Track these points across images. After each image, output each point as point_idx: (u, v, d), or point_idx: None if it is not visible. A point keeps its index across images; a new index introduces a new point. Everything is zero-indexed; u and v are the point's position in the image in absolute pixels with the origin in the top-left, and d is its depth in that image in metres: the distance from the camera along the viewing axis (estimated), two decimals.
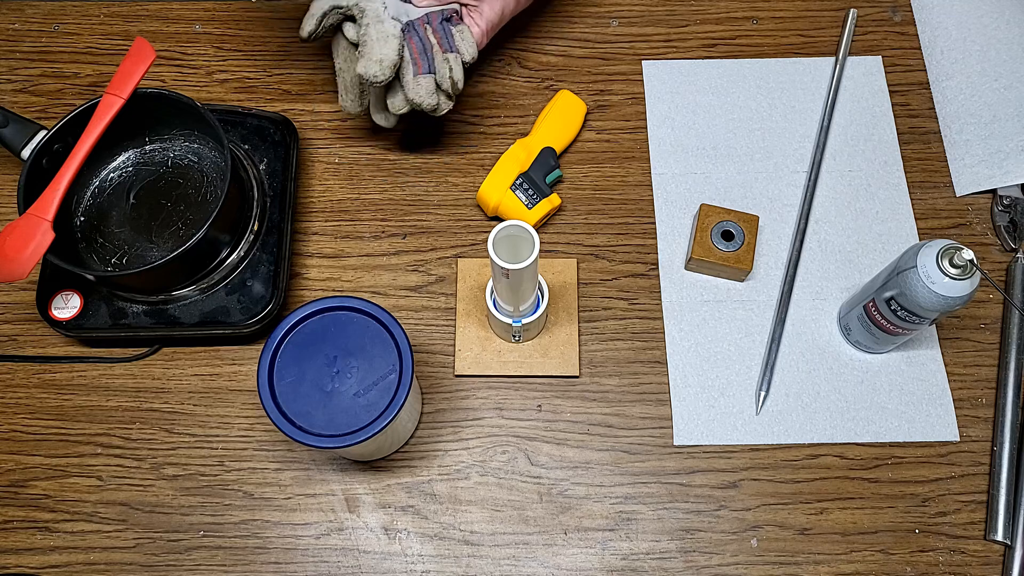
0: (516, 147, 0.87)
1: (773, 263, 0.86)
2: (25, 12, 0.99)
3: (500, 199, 0.85)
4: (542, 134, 0.88)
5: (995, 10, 0.94)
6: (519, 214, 0.85)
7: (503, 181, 0.85)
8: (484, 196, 0.86)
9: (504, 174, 0.85)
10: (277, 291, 0.81)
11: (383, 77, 0.76)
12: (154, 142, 0.86)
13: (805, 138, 0.92)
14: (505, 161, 0.85)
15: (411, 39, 0.78)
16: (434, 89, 0.79)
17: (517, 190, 0.85)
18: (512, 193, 0.85)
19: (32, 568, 0.76)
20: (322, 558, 0.76)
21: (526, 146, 0.87)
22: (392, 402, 0.66)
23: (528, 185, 0.85)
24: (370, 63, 0.75)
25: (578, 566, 0.76)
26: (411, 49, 0.78)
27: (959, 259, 0.67)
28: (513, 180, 0.85)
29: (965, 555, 0.76)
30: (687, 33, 0.97)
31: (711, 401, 0.81)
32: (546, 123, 0.89)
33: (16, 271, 0.72)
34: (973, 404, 0.81)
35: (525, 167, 0.86)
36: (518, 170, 0.85)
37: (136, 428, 0.81)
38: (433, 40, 0.79)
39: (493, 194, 0.85)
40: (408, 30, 0.78)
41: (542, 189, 0.85)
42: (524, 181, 0.85)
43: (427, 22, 0.79)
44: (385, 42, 0.76)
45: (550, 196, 0.85)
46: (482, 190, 0.85)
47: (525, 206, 0.85)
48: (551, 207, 0.85)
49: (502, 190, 0.85)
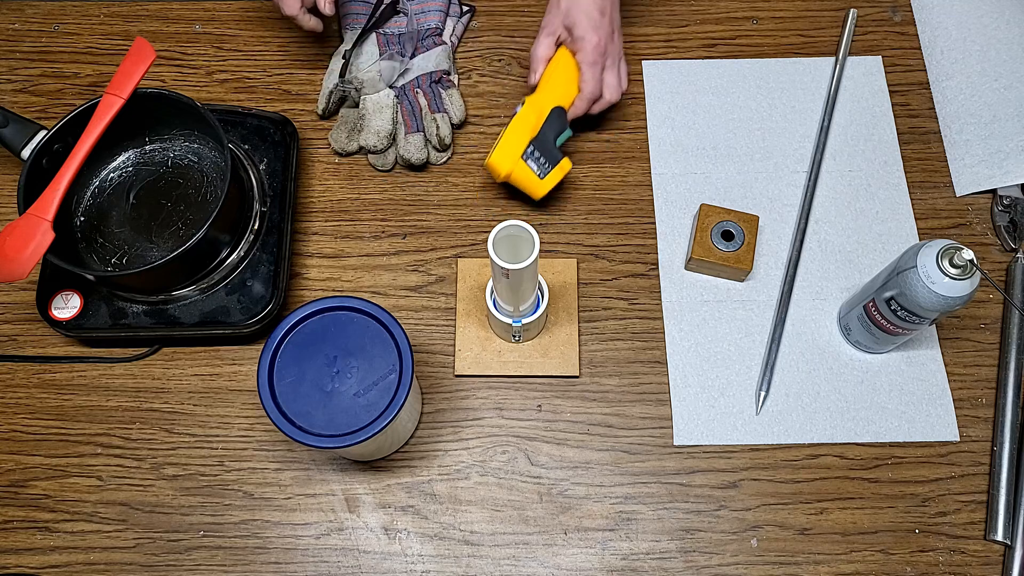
0: (526, 110, 0.83)
1: (773, 263, 0.86)
2: (25, 12, 0.99)
3: (511, 169, 0.83)
4: (549, 92, 0.84)
5: (995, 10, 0.94)
6: (532, 184, 0.83)
7: (514, 150, 0.82)
8: (495, 166, 0.83)
9: (515, 142, 0.82)
10: (277, 291, 0.81)
11: (382, 147, 0.88)
12: (154, 142, 0.86)
13: (805, 138, 0.92)
14: (516, 127, 0.82)
15: (402, 105, 0.89)
16: (423, 145, 0.88)
17: (528, 159, 0.82)
18: (523, 163, 0.83)
19: (32, 568, 0.76)
20: (322, 558, 0.76)
21: (536, 107, 0.84)
22: (392, 402, 0.66)
23: (539, 152, 0.83)
24: (369, 135, 0.87)
25: (578, 566, 0.76)
26: (402, 112, 0.88)
27: (959, 259, 0.67)
28: (524, 149, 0.82)
29: (965, 555, 0.76)
30: (687, 33, 0.97)
31: (711, 401, 0.81)
32: (552, 80, 0.85)
33: (16, 271, 0.72)
34: (973, 404, 0.81)
35: (535, 131, 0.83)
36: (529, 136, 0.82)
37: (136, 428, 0.81)
38: (423, 102, 0.89)
39: (504, 164, 0.82)
40: (400, 96, 0.89)
41: (553, 154, 0.83)
42: (535, 148, 0.82)
43: (417, 86, 0.89)
44: (380, 113, 0.87)
45: (561, 162, 0.83)
46: (493, 159, 0.83)
47: (537, 176, 0.83)
48: (563, 174, 0.84)
49: (513, 160, 0.82)
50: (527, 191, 0.85)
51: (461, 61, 0.96)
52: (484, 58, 0.96)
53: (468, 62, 0.96)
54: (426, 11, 0.92)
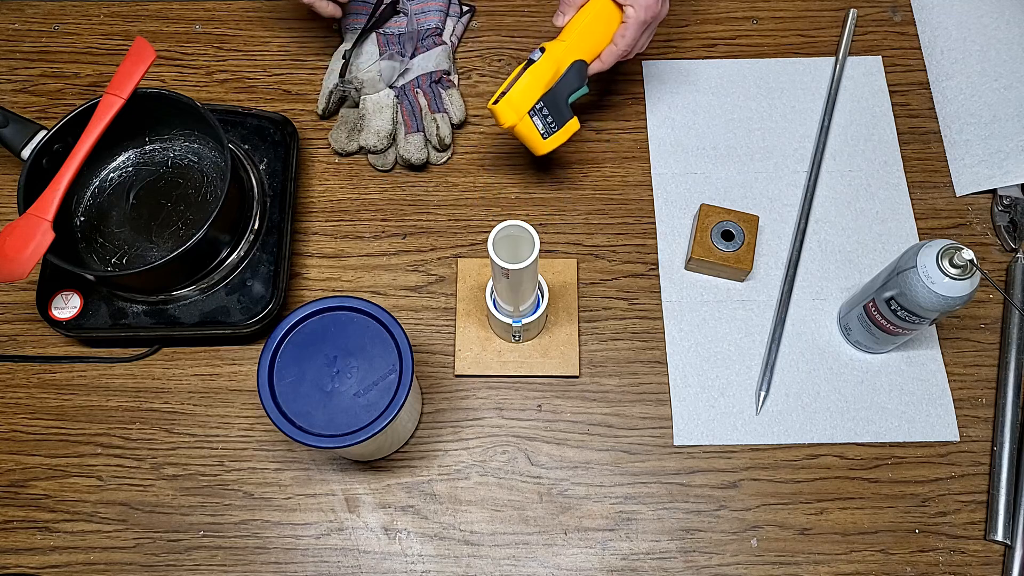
0: (545, 61, 0.78)
1: (773, 263, 0.86)
2: (25, 12, 0.99)
3: (516, 123, 0.79)
4: (574, 42, 0.79)
5: (995, 10, 0.94)
6: (534, 141, 0.81)
7: (524, 103, 0.78)
8: (501, 115, 0.79)
9: (526, 95, 0.78)
10: (277, 291, 0.81)
11: (382, 147, 0.88)
12: (154, 142, 0.86)
13: (805, 138, 0.92)
14: (530, 80, 0.78)
15: (402, 105, 0.88)
16: (423, 145, 0.88)
17: (535, 116, 0.79)
18: (529, 119, 0.79)
19: (32, 568, 0.76)
20: (322, 558, 0.76)
21: (555, 59, 0.78)
22: (392, 402, 0.66)
23: (548, 110, 0.79)
24: (369, 135, 0.87)
25: (578, 566, 0.76)
26: (402, 112, 0.88)
27: (959, 259, 0.67)
28: (533, 104, 0.79)
29: (965, 555, 0.76)
30: (687, 33, 0.97)
31: (711, 401, 0.81)
32: (579, 29, 0.79)
33: (16, 271, 0.72)
34: (973, 404, 0.81)
35: (549, 87, 0.79)
36: (542, 91, 0.78)
37: (136, 428, 0.81)
38: (423, 102, 0.89)
39: (510, 115, 0.79)
40: (400, 96, 0.89)
41: (563, 113, 0.80)
42: (544, 106, 0.79)
43: (417, 86, 0.89)
44: (380, 113, 0.87)
45: (569, 123, 0.81)
46: (501, 107, 0.78)
47: (540, 135, 0.80)
48: (569, 134, 0.81)
49: (520, 113, 0.79)
50: (529, 147, 0.82)
51: (461, 61, 0.96)
52: (484, 58, 0.96)
53: (468, 62, 0.96)
54: (426, 11, 0.92)
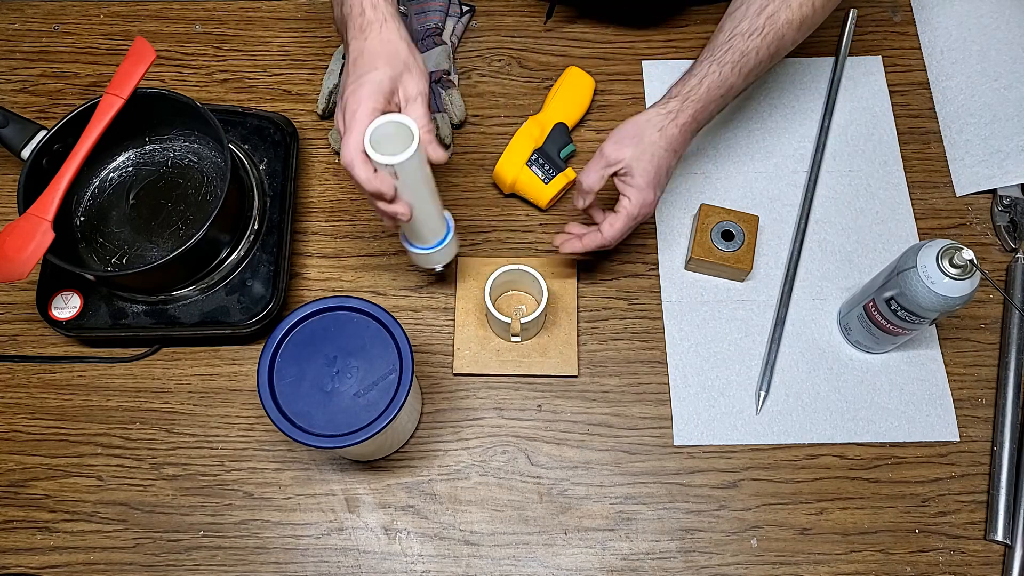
0: (529, 124, 0.87)
1: (773, 263, 0.86)
2: (25, 12, 0.99)
3: (516, 175, 0.85)
4: (553, 110, 0.88)
5: (995, 10, 0.94)
6: (536, 190, 0.85)
7: (519, 158, 0.85)
8: (500, 173, 0.86)
9: (519, 151, 0.85)
10: (277, 291, 0.81)
11: None
12: (154, 142, 0.86)
13: (805, 138, 0.92)
14: (519, 138, 0.86)
15: None
16: None
17: (533, 166, 0.85)
18: (528, 169, 0.85)
19: (32, 568, 0.76)
20: (322, 558, 0.76)
21: (539, 123, 0.87)
22: (392, 402, 0.66)
23: (544, 160, 0.85)
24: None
25: (578, 566, 0.76)
26: None
27: (959, 259, 0.67)
28: (528, 156, 0.85)
29: (965, 555, 0.76)
30: (687, 33, 0.97)
31: (711, 401, 0.81)
32: (556, 99, 0.89)
33: (16, 271, 0.72)
34: (973, 404, 0.81)
35: (539, 143, 0.86)
36: (532, 146, 0.86)
37: (136, 428, 0.81)
38: None
39: (510, 170, 0.85)
40: None
41: (557, 164, 0.86)
42: (539, 157, 0.85)
43: None
44: None
45: (566, 170, 0.86)
46: (498, 167, 0.85)
47: (542, 181, 0.85)
48: (567, 181, 0.86)
49: (518, 166, 0.85)
50: (533, 198, 0.87)
51: (461, 61, 0.96)
52: (484, 58, 0.96)
53: (468, 62, 0.96)
54: (426, 11, 0.92)
